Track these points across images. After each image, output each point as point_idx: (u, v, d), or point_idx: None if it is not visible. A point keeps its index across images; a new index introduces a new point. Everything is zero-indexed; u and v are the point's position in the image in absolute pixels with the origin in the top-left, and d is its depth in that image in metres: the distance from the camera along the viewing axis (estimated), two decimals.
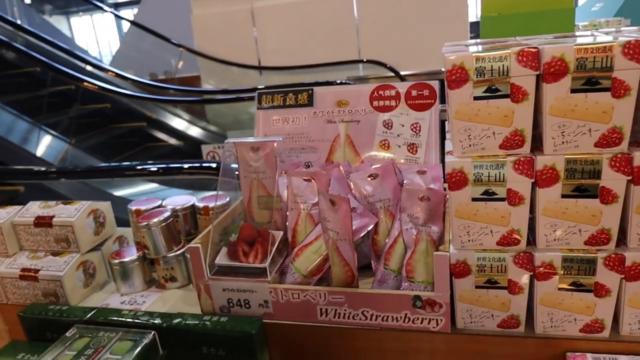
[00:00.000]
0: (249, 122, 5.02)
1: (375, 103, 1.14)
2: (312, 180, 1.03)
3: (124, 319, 0.98)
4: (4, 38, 3.76)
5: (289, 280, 0.99)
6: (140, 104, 5.35)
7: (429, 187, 0.97)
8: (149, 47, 6.56)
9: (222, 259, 0.99)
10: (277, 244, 1.00)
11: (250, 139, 1.05)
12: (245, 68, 5.41)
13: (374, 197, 0.99)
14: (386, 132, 1.13)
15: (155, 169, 2.23)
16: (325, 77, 4.93)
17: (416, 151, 1.11)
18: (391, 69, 5.14)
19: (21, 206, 1.21)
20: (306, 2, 5.31)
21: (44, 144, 4.14)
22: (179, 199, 1.20)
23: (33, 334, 1.09)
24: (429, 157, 1.10)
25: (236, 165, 1.08)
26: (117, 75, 4.69)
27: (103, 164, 3.90)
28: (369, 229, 0.96)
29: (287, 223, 1.05)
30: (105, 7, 7.75)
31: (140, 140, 5.33)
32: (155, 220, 1.07)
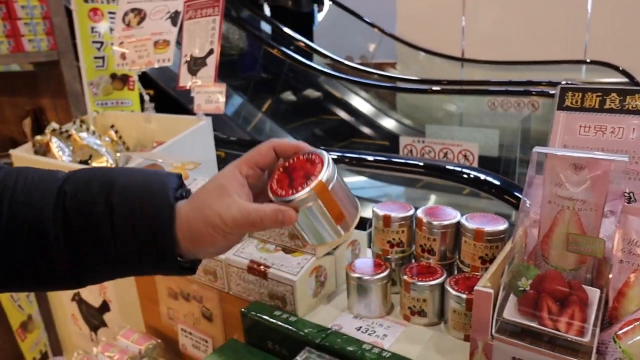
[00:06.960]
0: (445, 119, 4.66)
1: None
2: None
3: (367, 357, 0.77)
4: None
5: None
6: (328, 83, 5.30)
7: None
8: (347, 32, 6.52)
9: (512, 313, 0.71)
10: (596, 309, 0.68)
11: (574, 153, 0.74)
12: (447, 59, 5.05)
13: None
14: None
15: (372, 159, 2.06)
16: (534, 77, 4.29)
17: None
18: (625, 73, 4.28)
19: None
20: None
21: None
22: (436, 211, 0.94)
23: (252, 336, 0.96)
24: None
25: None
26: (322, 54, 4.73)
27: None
28: None
29: (611, 279, 0.72)
30: None
31: (315, 111, 5.29)
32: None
